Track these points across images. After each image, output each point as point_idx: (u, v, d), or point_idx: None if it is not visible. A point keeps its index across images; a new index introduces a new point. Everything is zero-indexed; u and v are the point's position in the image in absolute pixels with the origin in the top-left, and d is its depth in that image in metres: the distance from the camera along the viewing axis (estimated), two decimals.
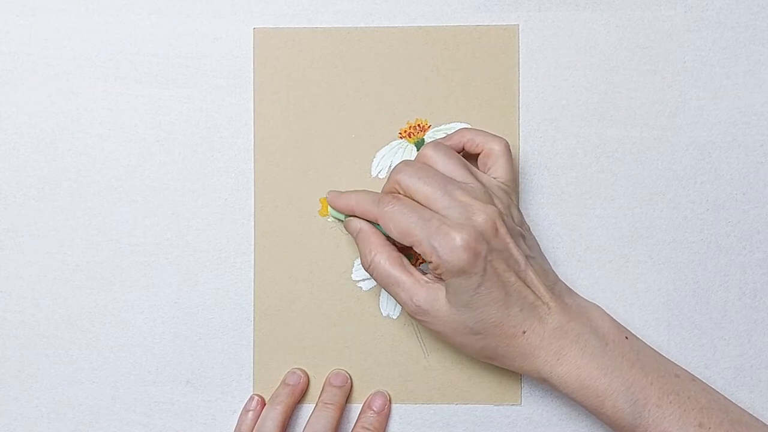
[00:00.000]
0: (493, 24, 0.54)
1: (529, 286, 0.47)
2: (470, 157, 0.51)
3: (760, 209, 0.54)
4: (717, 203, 0.54)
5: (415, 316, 0.48)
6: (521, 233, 0.48)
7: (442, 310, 0.47)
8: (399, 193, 0.48)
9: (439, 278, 0.47)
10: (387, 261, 0.48)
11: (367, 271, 0.49)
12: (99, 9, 0.54)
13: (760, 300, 0.53)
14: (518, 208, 0.50)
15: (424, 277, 0.48)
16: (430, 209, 0.47)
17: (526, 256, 0.48)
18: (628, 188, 0.54)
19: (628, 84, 0.54)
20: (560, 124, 0.54)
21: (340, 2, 0.54)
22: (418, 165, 0.48)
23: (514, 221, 0.48)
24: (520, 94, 0.54)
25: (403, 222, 0.47)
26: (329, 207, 0.53)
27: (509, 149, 0.50)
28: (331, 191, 0.52)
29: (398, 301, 0.49)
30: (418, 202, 0.47)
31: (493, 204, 0.47)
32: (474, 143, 0.50)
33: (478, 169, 0.50)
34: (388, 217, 0.47)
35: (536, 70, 0.54)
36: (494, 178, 0.49)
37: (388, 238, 0.49)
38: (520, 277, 0.47)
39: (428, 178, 0.47)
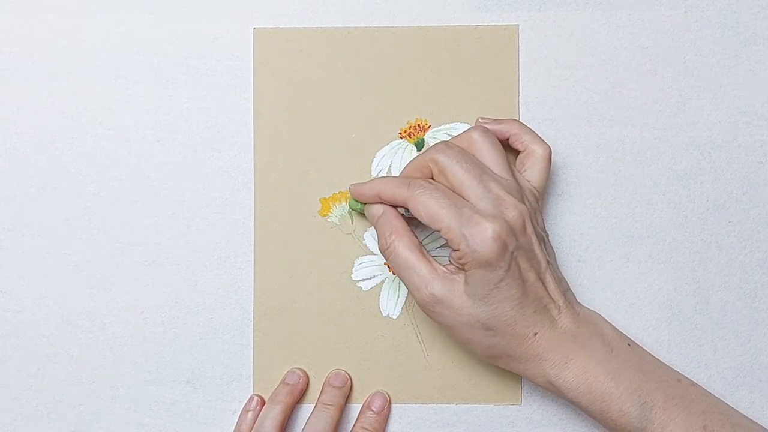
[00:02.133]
0: (493, 24, 0.54)
1: (546, 288, 0.47)
2: (510, 151, 0.52)
3: (760, 209, 0.54)
4: (717, 203, 0.54)
5: (425, 306, 0.48)
6: (543, 238, 0.49)
7: (456, 302, 0.47)
8: (434, 172, 0.48)
9: (459, 269, 0.47)
10: (406, 246, 0.48)
11: (384, 254, 0.49)
12: (99, 9, 0.54)
13: (760, 300, 0.53)
14: (542, 216, 0.50)
15: (441, 267, 0.48)
16: (461, 196, 0.47)
17: (547, 260, 0.48)
18: (628, 188, 0.54)
19: (628, 84, 0.54)
20: (560, 124, 0.54)
21: (340, 2, 0.54)
22: (458, 149, 0.48)
23: (538, 225, 0.49)
24: (520, 94, 0.54)
25: (434, 206, 0.46)
26: (349, 199, 0.52)
27: (550, 157, 0.50)
28: (353, 183, 0.51)
29: (410, 289, 0.48)
30: (450, 186, 0.47)
31: (524, 202, 0.47)
32: (519, 139, 0.51)
33: (515, 166, 0.50)
34: (419, 201, 0.47)
35: (536, 70, 0.54)
36: (528, 180, 0.50)
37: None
38: (540, 278, 0.47)
39: (466, 164, 0.47)
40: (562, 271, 0.53)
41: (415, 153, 0.54)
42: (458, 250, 0.46)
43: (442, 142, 0.49)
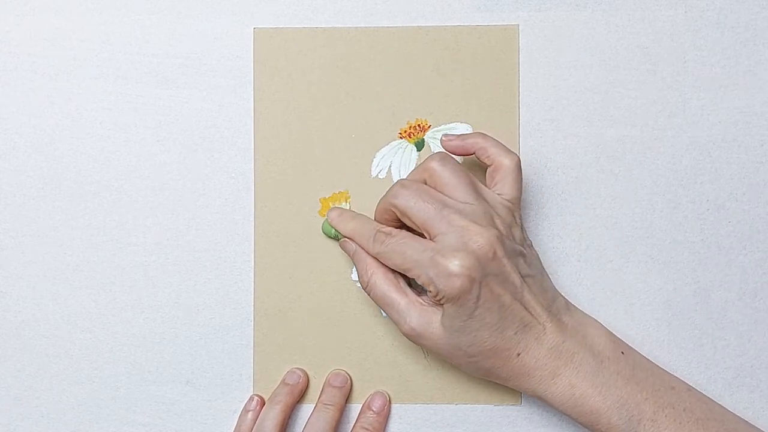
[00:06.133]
0: (493, 24, 0.54)
1: (525, 307, 0.47)
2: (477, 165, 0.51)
3: (760, 209, 0.54)
4: (717, 203, 0.54)
5: (408, 338, 0.49)
6: (521, 252, 0.48)
7: (436, 334, 0.47)
8: (397, 214, 0.48)
9: (438, 303, 0.47)
10: (383, 282, 0.49)
11: (364, 290, 0.50)
12: (99, 9, 0.54)
13: (760, 300, 0.53)
14: (520, 227, 0.49)
15: (419, 299, 0.48)
16: (428, 233, 0.47)
17: (524, 276, 0.47)
18: (628, 188, 0.54)
19: (628, 84, 0.54)
20: (560, 124, 0.54)
21: (340, 2, 0.54)
22: (415, 187, 0.48)
23: (514, 240, 0.48)
24: (520, 94, 0.54)
25: (399, 259, 0.47)
26: (324, 223, 0.53)
27: (520, 166, 0.49)
28: (332, 209, 0.52)
29: (393, 322, 0.49)
30: (414, 227, 0.47)
31: (493, 225, 0.47)
32: (486, 153, 0.50)
33: (485, 181, 0.50)
34: (385, 256, 0.48)
35: (536, 70, 0.54)
36: (499, 194, 0.49)
37: None
38: (516, 299, 0.47)
39: (424, 202, 0.47)
40: (562, 272, 0.53)
41: (415, 153, 0.54)
42: (431, 291, 0.46)
43: (398, 182, 0.48)
